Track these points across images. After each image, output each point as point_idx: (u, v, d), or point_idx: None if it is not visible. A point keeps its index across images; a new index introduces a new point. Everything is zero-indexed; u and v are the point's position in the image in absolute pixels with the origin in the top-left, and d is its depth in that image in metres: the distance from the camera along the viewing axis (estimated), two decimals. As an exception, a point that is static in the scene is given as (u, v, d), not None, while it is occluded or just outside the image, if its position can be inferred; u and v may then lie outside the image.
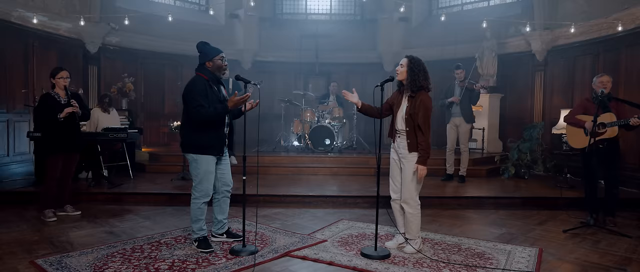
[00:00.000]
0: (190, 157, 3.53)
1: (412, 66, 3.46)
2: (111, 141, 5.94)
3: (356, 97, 3.70)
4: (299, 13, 11.20)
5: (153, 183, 6.15)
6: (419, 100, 3.42)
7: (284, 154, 8.03)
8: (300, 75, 10.72)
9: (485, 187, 6.23)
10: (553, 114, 7.86)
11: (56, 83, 4.43)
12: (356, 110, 3.80)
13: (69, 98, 4.39)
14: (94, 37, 7.96)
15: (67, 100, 4.40)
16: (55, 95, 4.42)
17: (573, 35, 7.45)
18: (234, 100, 3.29)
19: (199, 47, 3.57)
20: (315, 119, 8.32)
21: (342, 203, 5.44)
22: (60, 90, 4.44)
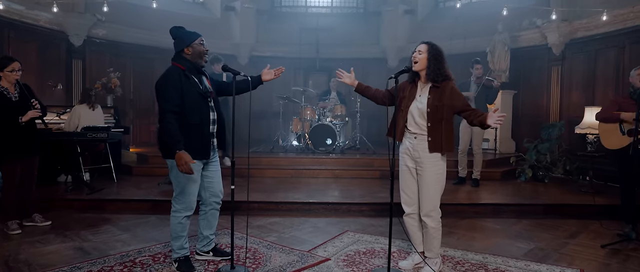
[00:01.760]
0: (170, 163, 2.98)
1: (434, 53, 2.93)
2: (91, 141, 5.39)
3: (351, 78, 3.27)
4: (299, 6, 10.64)
5: (138, 188, 5.60)
6: (449, 89, 2.91)
7: (283, 154, 7.49)
8: (300, 71, 10.17)
9: (501, 192, 5.69)
10: (571, 112, 7.32)
11: (4, 76, 3.76)
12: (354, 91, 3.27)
13: (21, 93, 3.82)
14: (78, 29, 7.41)
15: (17, 96, 3.82)
16: (4, 90, 3.79)
17: (594, 26, 6.90)
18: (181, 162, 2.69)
19: (173, 33, 3.02)
20: (315, 117, 7.78)
21: (345, 211, 4.90)
22: (9, 85, 3.82)
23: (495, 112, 2.77)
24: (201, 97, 2.96)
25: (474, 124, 2.89)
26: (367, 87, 3.31)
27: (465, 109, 2.92)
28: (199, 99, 2.94)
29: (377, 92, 3.29)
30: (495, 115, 2.74)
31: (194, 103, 2.91)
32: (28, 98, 3.84)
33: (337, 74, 3.32)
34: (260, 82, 3.34)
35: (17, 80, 3.83)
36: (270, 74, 3.35)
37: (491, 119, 2.75)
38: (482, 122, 2.82)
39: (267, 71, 3.36)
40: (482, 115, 2.82)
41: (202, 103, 2.96)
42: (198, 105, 2.93)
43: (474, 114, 2.88)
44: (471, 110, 2.92)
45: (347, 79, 3.28)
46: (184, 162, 2.67)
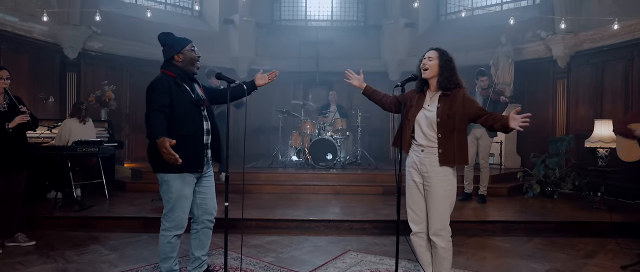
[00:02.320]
0: (160, 177, 2.77)
1: (446, 59, 2.76)
2: (81, 156, 5.17)
3: (360, 80, 3.14)
4: (298, 19, 10.54)
5: (130, 204, 5.37)
6: (461, 96, 2.71)
7: (282, 169, 7.27)
8: (299, 85, 10.02)
9: (509, 209, 5.45)
10: (578, 125, 7.12)
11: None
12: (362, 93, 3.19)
13: (10, 104, 3.63)
14: (73, 42, 7.25)
15: (6, 106, 3.63)
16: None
17: (601, 38, 6.76)
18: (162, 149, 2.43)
19: (162, 39, 2.84)
20: (315, 132, 7.59)
21: (347, 229, 4.66)
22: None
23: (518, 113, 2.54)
24: (193, 106, 2.76)
25: (495, 129, 2.68)
26: (375, 91, 3.17)
27: (481, 114, 2.71)
28: (191, 108, 2.75)
29: (384, 97, 3.12)
30: (519, 117, 2.53)
31: (186, 112, 2.72)
32: (17, 108, 3.65)
33: (346, 74, 3.19)
34: (255, 87, 3.19)
35: (5, 89, 3.65)
36: (264, 79, 3.20)
37: (515, 121, 2.53)
38: (504, 126, 2.59)
39: (260, 76, 3.21)
40: (503, 118, 2.61)
41: (195, 112, 2.77)
42: (190, 114, 2.73)
43: (493, 118, 2.66)
44: (488, 114, 2.70)
45: (355, 81, 3.15)
46: (165, 149, 2.40)
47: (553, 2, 7.46)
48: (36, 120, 3.99)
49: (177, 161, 2.43)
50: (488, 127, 2.71)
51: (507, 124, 2.56)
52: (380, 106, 3.14)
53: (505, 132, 2.66)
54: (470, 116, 2.73)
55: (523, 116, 2.51)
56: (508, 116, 2.57)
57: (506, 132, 2.65)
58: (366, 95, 3.16)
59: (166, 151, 2.40)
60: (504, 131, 2.64)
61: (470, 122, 2.78)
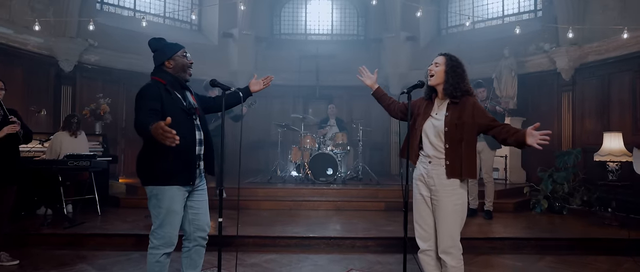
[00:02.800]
0: (149, 190, 2.58)
1: (453, 65, 2.60)
2: (72, 170, 4.98)
3: (372, 79, 3.01)
4: (298, 33, 10.47)
5: (123, 221, 5.16)
6: (471, 105, 2.55)
7: (281, 185, 7.06)
8: (299, 99, 9.88)
9: (517, 225, 5.25)
10: (585, 139, 6.95)
11: None
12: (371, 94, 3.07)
13: (4, 115, 3.47)
14: (69, 54, 7.13)
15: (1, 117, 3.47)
16: None
17: (606, 50, 6.64)
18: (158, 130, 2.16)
19: (153, 45, 2.69)
20: (315, 146, 7.41)
21: (349, 246, 4.44)
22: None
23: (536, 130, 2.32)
24: (185, 114, 2.59)
25: (508, 143, 2.47)
26: (385, 94, 3.03)
27: (492, 125, 2.54)
28: (182, 116, 2.58)
29: (393, 102, 2.97)
30: (538, 133, 2.33)
31: (177, 120, 2.53)
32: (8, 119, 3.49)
33: (359, 70, 3.05)
34: (250, 93, 3.04)
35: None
36: (259, 84, 3.06)
37: (532, 138, 2.32)
38: (519, 142, 2.38)
39: (255, 81, 3.08)
40: (519, 132, 2.41)
41: (186, 120, 2.60)
42: (181, 123, 2.56)
43: (506, 131, 2.46)
44: (501, 125, 2.52)
45: (367, 80, 3.02)
46: (161, 128, 2.12)
47: (556, 14, 7.37)
48: (30, 133, 3.82)
49: (174, 139, 2.15)
50: (500, 141, 2.52)
51: (523, 139, 2.35)
52: (387, 111, 3.01)
53: (519, 148, 2.45)
54: (480, 127, 2.56)
55: (542, 133, 2.31)
56: (524, 131, 2.37)
57: (521, 148, 2.44)
58: (375, 97, 3.04)
59: (162, 131, 2.14)
60: (519, 147, 2.44)
61: (480, 133, 2.61)
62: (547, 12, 7.86)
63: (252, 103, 6.56)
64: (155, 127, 2.16)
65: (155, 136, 2.16)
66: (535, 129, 2.34)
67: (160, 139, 2.15)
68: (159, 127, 2.14)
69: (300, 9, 10.48)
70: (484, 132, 2.58)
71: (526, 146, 2.37)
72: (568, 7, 7.04)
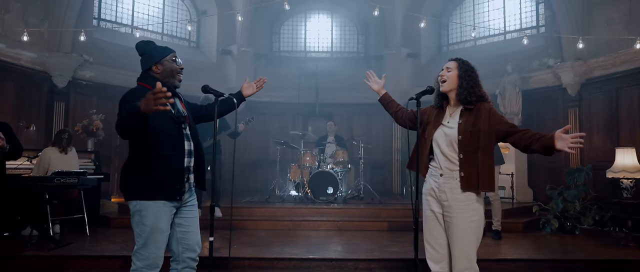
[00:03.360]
0: (132, 206, 2.34)
1: (466, 69, 2.43)
2: (59, 187, 4.73)
3: (380, 84, 2.86)
4: (298, 50, 10.36)
5: (112, 242, 4.88)
6: (487, 111, 2.34)
7: (279, 204, 6.80)
8: (298, 117, 9.69)
9: (527, 246, 4.98)
10: (594, 155, 6.72)
11: None
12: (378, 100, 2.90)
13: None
14: (63, 70, 6.95)
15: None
16: None
17: (612, 65, 6.49)
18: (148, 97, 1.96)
19: (140, 48, 2.50)
20: (315, 164, 7.18)
21: (351, 269, 4.17)
22: None
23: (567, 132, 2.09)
24: (173, 123, 2.38)
25: (532, 150, 2.22)
26: (392, 100, 2.85)
27: (512, 131, 2.32)
28: (170, 125, 2.36)
29: (401, 110, 2.78)
30: (569, 136, 2.10)
31: (164, 129, 2.33)
32: None
33: (366, 75, 2.91)
34: (243, 98, 2.85)
35: None
36: (252, 88, 2.88)
37: (563, 142, 2.08)
38: (546, 146, 2.14)
39: (247, 85, 2.91)
40: (545, 136, 2.18)
41: (174, 129, 2.38)
42: (169, 131, 2.35)
43: (530, 136, 2.22)
44: (522, 131, 2.30)
45: (374, 84, 2.87)
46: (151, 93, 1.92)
47: (560, 30, 7.26)
48: (20, 149, 3.60)
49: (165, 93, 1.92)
50: (522, 148, 2.28)
51: (551, 143, 2.11)
52: (394, 119, 2.82)
53: (546, 153, 2.19)
54: (498, 134, 2.35)
55: (575, 136, 2.08)
56: (552, 135, 2.14)
57: (548, 153, 2.18)
58: (382, 103, 2.86)
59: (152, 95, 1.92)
60: (546, 153, 2.18)
61: (498, 141, 2.40)
62: (550, 27, 7.75)
63: (250, 119, 6.37)
64: (146, 98, 1.95)
65: (148, 107, 1.94)
66: (564, 132, 2.11)
67: (152, 104, 1.93)
68: (150, 94, 1.93)
69: (300, 27, 10.40)
70: (502, 139, 2.37)
71: (555, 151, 2.13)
72: (572, 22, 6.92)
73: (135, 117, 2.04)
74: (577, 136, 2.07)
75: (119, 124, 2.18)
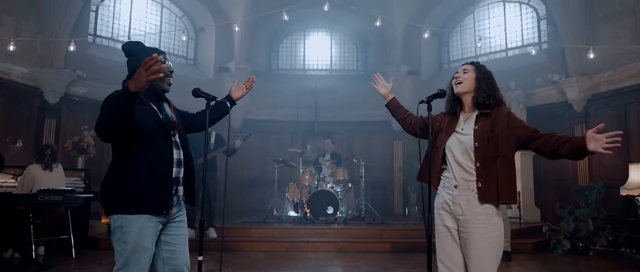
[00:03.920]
0: (113, 221, 2.10)
1: (485, 72, 2.25)
2: (43, 205, 4.46)
3: (387, 88, 2.63)
4: (296, 68, 10.23)
5: (98, 264, 4.59)
6: (505, 115, 2.14)
7: (277, 225, 6.51)
8: (297, 136, 9.47)
9: (539, 268, 4.73)
10: (604, 172, 6.50)
11: None
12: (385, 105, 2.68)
13: None
14: (55, 86, 6.76)
15: None
16: None
17: (619, 79, 6.35)
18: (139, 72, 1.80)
19: (127, 49, 2.30)
20: (314, 183, 6.92)
21: (354, 292, 3.88)
22: None
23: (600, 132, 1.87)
24: (160, 128, 2.16)
25: (560, 155, 2.00)
26: (400, 105, 2.63)
27: (535, 136, 2.10)
28: (157, 131, 2.14)
29: (409, 116, 2.57)
30: (603, 136, 1.88)
31: (150, 135, 2.11)
32: None
33: (374, 77, 2.70)
34: (233, 102, 2.65)
35: None
36: (241, 89, 2.69)
37: (596, 143, 1.85)
38: (576, 150, 1.91)
39: (236, 88, 2.70)
40: (574, 139, 1.96)
41: (162, 136, 2.15)
42: (155, 138, 2.12)
43: (555, 140, 2.00)
44: (546, 135, 2.08)
45: (382, 88, 2.65)
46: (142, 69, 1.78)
47: (563, 45, 7.14)
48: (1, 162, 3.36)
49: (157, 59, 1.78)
50: (548, 153, 2.05)
51: (583, 145, 1.88)
52: (402, 125, 2.60)
53: (577, 158, 1.97)
54: (519, 140, 2.13)
55: (610, 135, 1.85)
56: (583, 136, 1.91)
57: (579, 157, 1.96)
58: (390, 109, 2.65)
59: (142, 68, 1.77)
60: (576, 157, 1.96)
61: (519, 147, 2.17)
62: (553, 43, 7.64)
63: (248, 136, 6.16)
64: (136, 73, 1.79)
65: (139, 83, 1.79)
66: (597, 131, 1.89)
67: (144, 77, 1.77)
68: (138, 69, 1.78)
69: (299, 44, 10.31)
70: (524, 145, 2.15)
71: (588, 154, 1.91)
72: (576, 37, 6.81)
73: (122, 103, 1.86)
74: (614, 134, 1.85)
75: (100, 119, 1.97)
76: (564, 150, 1.95)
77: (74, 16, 6.93)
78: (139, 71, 1.80)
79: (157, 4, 8.97)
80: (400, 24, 8.94)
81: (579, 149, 1.90)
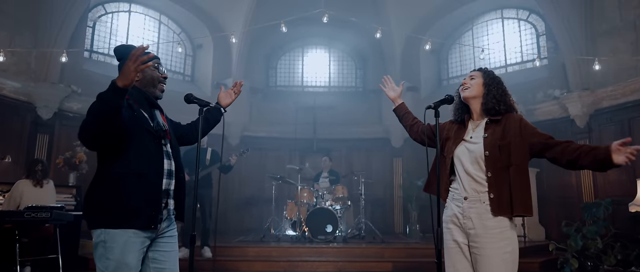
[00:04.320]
0: (95, 235, 1.94)
1: (494, 77, 2.16)
2: (30, 222, 4.26)
3: (397, 92, 2.55)
4: (295, 85, 10.16)
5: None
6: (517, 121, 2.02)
7: (275, 243, 6.30)
8: (295, 153, 9.31)
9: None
10: (609, 189, 6.35)
11: None
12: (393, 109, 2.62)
13: None
14: (49, 101, 6.63)
15: None
16: None
17: (622, 94, 6.27)
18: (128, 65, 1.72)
19: (118, 53, 2.21)
20: (313, 201, 6.74)
21: (356, 314, 3.68)
22: None
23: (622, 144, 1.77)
24: (151, 137, 2.02)
25: (581, 166, 1.88)
26: (408, 112, 2.54)
27: (551, 143, 1.98)
28: (147, 139, 2.01)
29: (417, 123, 2.45)
30: (629, 149, 1.76)
31: (140, 143, 1.97)
32: None
33: (383, 81, 2.61)
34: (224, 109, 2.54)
35: None
36: (229, 95, 2.59)
37: (622, 155, 1.76)
38: (601, 162, 1.80)
39: (224, 94, 2.59)
40: (598, 149, 1.83)
41: (152, 145, 2.02)
42: (145, 146, 1.99)
43: (575, 150, 1.88)
44: (563, 143, 1.96)
45: (391, 91, 2.57)
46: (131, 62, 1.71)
47: (564, 60, 7.08)
48: None
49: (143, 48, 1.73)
50: (566, 163, 1.93)
51: (608, 157, 1.77)
52: (408, 133, 2.49)
53: (601, 169, 1.85)
54: (533, 147, 2.00)
55: (637, 148, 1.76)
56: (607, 146, 1.80)
57: (603, 169, 1.85)
58: (397, 114, 2.56)
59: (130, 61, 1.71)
60: (600, 169, 1.85)
61: (533, 156, 2.04)
62: (553, 59, 7.59)
63: (244, 151, 6.01)
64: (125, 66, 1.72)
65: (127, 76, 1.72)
66: (622, 144, 1.77)
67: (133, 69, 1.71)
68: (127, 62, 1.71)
69: (297, 61, 10.26)
70: (538, 154, 2.02)
71: (612, 167, 1.78)
72: (576, 52, 6.76)
73: (109, 98, 1.75)
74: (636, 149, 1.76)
75: (84, 121, 1.83)
76: (586, 161, 1.83)
77: (70, 31, 6.85)
78: (126, 64, 1.70)
79: (155, 21, 8.94)
80: (399, 40, 8.92)
81: (603, 162, 1.79)
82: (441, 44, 9.36)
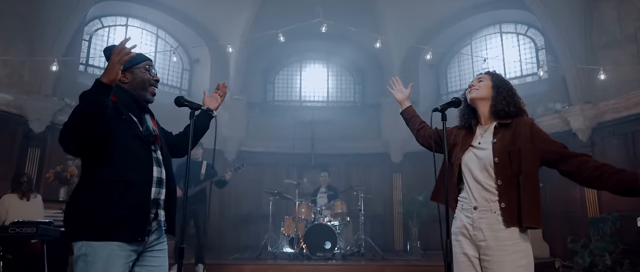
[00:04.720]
0: (76, 248, 1.78)
1: (502, 80, 2.05)
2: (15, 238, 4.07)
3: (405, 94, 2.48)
4: (293, 100, 10.07)
5: (73, 304, 4.15)
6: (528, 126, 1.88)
7: (271, 261, 6.10)
8: (293, 168, 9.16)
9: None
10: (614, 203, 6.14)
11: None
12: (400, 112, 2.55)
13: None
14: (41, 114, 6.49)
15: None
16: None
17: (625, 107, 6.18)
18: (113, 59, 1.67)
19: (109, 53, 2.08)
20: (311, 217, 6.56)
21: (357, 335, 3.48)
22: None
23: None
24: (140, 142, 1.89)
25: (600, 187, 1.76)
26: (415, 115, 2.43)
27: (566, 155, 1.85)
28: (135, 144, 1.87)
29: (424, 128, 2.33)
30: None
31: (128, 149, 1.84)
32: None
33: (390, 82, 2.55)
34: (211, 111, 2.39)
35: None
36: (215, 99, 2.46)
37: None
38: (626, 188, 1.67)
39: (208, 98, 2.46)
40: (623, 173, 1.69)
41: (141, 151, 1.89)
42: (134, 152, 1.85)
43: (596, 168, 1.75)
44: (580, 157, 1.82)
45: (398, 93, 2.49)
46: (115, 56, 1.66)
47: (565, 74, 7.02)
48: None
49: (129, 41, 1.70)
50: (581, 180, 1.80)
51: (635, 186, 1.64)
52: (416, 138, 2.38)
53: (626, 194, 1.70)
54: (545, 156, 1.86)
55: None
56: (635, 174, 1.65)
57: (629, 194, 1.69)
58: (404, 117, 2.46)
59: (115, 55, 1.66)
60: (625, 193, 1.70)
61: (544, 164, 1.91)
62: (553, 72, 7.53)
63: (239, 167, 5.89)
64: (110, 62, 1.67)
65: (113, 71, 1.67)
66: None
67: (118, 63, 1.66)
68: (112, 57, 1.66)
69: (295, 76, 10.21)
70: (550, 163, 1.88)
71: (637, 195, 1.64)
72: (576, 65, 6.70)
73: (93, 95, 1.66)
74: None
75: (65, 124, 1.71)
76: (609, 184, 1.71)
77: (65, 44, 6.76)
78: (110, 60, 1.61)
79: (152, 35, 8.89)
80: (397, 54, 8.88)
81: (629, 189, 1.66)
82: (440, 58, 9.33)
